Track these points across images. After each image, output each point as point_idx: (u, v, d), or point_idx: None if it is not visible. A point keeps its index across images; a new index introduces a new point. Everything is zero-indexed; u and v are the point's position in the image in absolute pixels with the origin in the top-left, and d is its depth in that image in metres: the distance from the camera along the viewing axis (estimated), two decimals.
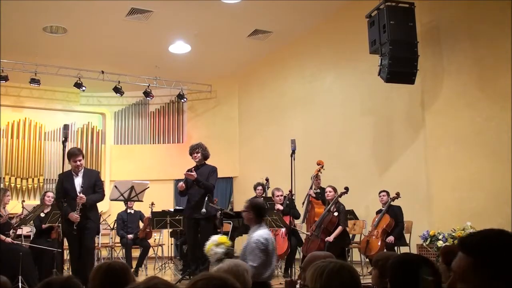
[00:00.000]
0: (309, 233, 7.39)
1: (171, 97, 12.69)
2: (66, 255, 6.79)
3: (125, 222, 8.75)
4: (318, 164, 8.08)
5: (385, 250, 6.91)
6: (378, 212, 7.70)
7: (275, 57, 11.17)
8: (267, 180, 8.75)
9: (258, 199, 4.83)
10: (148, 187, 7.41)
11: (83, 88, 10.86)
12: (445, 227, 6.66)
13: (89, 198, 5.94)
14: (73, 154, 6.02)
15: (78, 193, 5.88)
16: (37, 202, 9.65)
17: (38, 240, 7.00)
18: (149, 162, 12.26)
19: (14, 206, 8.76)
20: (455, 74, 7.52)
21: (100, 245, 9.23)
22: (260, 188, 8.45)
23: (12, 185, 11.40)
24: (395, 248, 7.31)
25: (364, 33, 7.62)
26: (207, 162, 6.97)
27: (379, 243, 7.24)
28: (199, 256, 6.18)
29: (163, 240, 9.72)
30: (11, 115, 11.66)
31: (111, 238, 9.70)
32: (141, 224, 9.22)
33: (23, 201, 8.85)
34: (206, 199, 6.49)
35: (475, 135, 7.19)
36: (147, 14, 9.04)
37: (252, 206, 4.60)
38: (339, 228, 7.11)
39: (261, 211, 4.65)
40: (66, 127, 6.02)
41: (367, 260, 7.61)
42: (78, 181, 5.98)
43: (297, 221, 7.97)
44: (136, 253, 9.12)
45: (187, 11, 9.11)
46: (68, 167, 6.11)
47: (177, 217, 7.75)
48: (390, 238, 7.25)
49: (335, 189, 7.27)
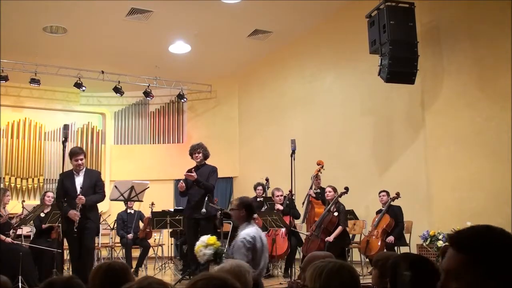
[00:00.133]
0: (309, 233, 7.39)
1: (171, 97, 12.69)
2: (66, 255, 6.79)
3: (125, 222, 8.75)
4: (318, 164, 8.07)
5: (385, 250, 6.91)
6: (378, 212, 7.69)
7: (275, 57, 11.17)
8: (267, 180, 8.75)
9: (248, 198, 4.82)
10: (148, 187, 7.40)
11: (83, 88, 10.86)
12: (445, 227, 6.65)
13: (89, 199, 5.92)
14: (74, 153, 6.03)
15: (78, 193, 5.88)
16: (37, 202, 9.65)
17: (38, 240, 6.99)
18: (149, 162, 12.26)
19: (14, 206, 8.76)
20: (455, 74, 7.52)
21: (100, 245, 9.22)
22: (260, 188, 8.45)
23: (12, 185, 11.40)
24: (395, 248, 7.30)
25: (364, 33, 7.62)
26: (207, 162, 6.99)
27: (379, 243, 7.23)
28: None
29: (163, 240, 9.72)
30: (11, 115, 11.67)
31: (111, 238, 9.69)
32: (141, 224, 9.22)
33: (23, 201, 8.83)
34: (206, 199, 6.49)
35: (475, 135, 7.19)
36: (147, 14, 9.04)
37: (244, 205, 4.59)
38: (339, 228, 7.11)
39: (252, 209, 4.65)
40: (66, 127, 6.02)
41: (367, 260, 7.61)
42: (79, 181, 5.97)
43: (297, 221, 7.97)
44: (136, 253, 9.12)
45: (187, 11, 9.11)
46: (67, 167, 6.11)
47: (177, 217, 7.75)
48: (390, 238, 7.24)
49: (335, 189, 7.27)
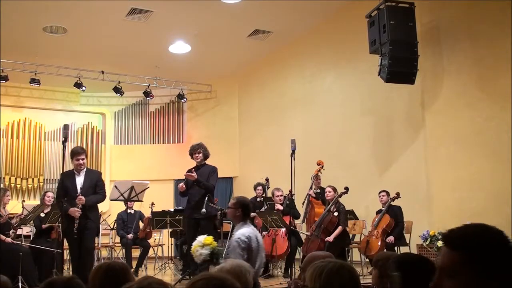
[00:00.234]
0: (309, 233, 7.39)
1: (171, 97, 12.69)
2: (66, 255, 6.79)
3: (125, 222, 8.75)
4: (318, 164, 8.07)
5: (385, 250, 6.91)
6: (378, 212, 7.69)
7: (275, 57, 11.17)
8: (267, 180, 8.75)
9: (246, 198, 4.82)
10: (148, 187, 7.40)
11: (83, 88, 10.87)
12: (445, 227, 6.52)
13: (89, 199, 5.91)
14: (76, 153, 6.04)
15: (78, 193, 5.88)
16: (37, 202, 9.64)
17: (38, 240, 6.99)
18: (149, 162, 12.26)
19: (14, 206, 8.75)
20: (455, 74, 7.52)
21: (100, 245, 9.22)
22: (260, 188, 8.45)
23: (12, 185, 11.40)
24: (395, 248, 7.30)
25: (364, 33, 7.61)
26: (207, 162, 6.99)
27: (379, 243, 7.23)
28: None
29: (163, 240, 9.72)
30: (11, 115, 11.67)
31: (111, 238, 9.69)
32: (141, 224, 9.22)
33: (23, 201, 8.84)
34: (206, 199, 6.49)
35: (475, 135, 7.19)
36: (147, 14, 9.04)
37: (240, 204, 4.58)
38: (339, 228, 7.10)
39: (249, 209, 4.65)
40: (66, 127, 6.02)
41: (367, 260, 7.61)
42: (80, 181, 5.98)
43: (297, 221, 7.97)
44: (136, 253, 9.12)
45: (187, 11, 9.11)
46: (67, 167, 6.11)
47: (177, 217, 7.75)
48: (390, 238, 7.24)
49: (335, 189, 7.27)
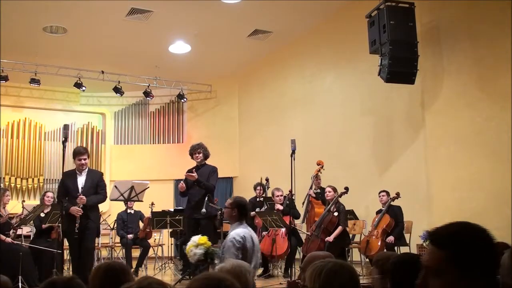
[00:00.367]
0: (309, 233, 7.39)
1: (171, 97, 12.69)
2: (66, 255, 6.79)
3: (125, 222, 8.75)
4: (318, 164, 8.07)
5: (385, 250, 6.91)
6: (378, 212, 7.69)
7: (275, 57, 11.17)
8: (267, 180, 8.73)
9: (243, 198, 4.82)
10: (148, 187, 7.40)
11: (83, 88, 10.87)
12: None
13: (90, 199, 5.91)
14: (78, 153, 6.05)
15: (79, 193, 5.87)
16: (37, 202, 9.64)
17: (38, 240, 6.98)
18: (149, 162, 12.26)
19: (14, 206, 8.75)
20: (455, 74, 7.52)
21: (100, 245, 9.22)
22: (260, 188, 8.43)
23: (12, 185, 11.40)
24: (395, 248, 7.30)
25: (364, 33, 7.61)
26: (207, 162, 6.99)
27: (379, 243, 7.23)
28: None
29: (163, 240, 9.72)
30: (11, 115, 11.67)
31: (111, 238, 9.70)
32: (141, 224, 9.22)
33: (23, 201, 8.85)
34: (206, 199, 6.49)
35: (475, 135, 7.18)
36: (147, 14, 9.04)
37: (237, 204, 4.58)
38: (339, 228, 7.10)
39: (245, 210, 4.65)
40: (66, 127, 6.02)
41: (367, 260, 7.61)
42: (81, 180, 5.98)
43: (297, 221, 7.97)
44: (136, 253, 9.12)
45: (187, 11, 9.11)
46: (67, 167, 6.12)
47: (177, 217, 7.75)
48: (390, 238, 7.24)
49: (335, 189, 7.27)
